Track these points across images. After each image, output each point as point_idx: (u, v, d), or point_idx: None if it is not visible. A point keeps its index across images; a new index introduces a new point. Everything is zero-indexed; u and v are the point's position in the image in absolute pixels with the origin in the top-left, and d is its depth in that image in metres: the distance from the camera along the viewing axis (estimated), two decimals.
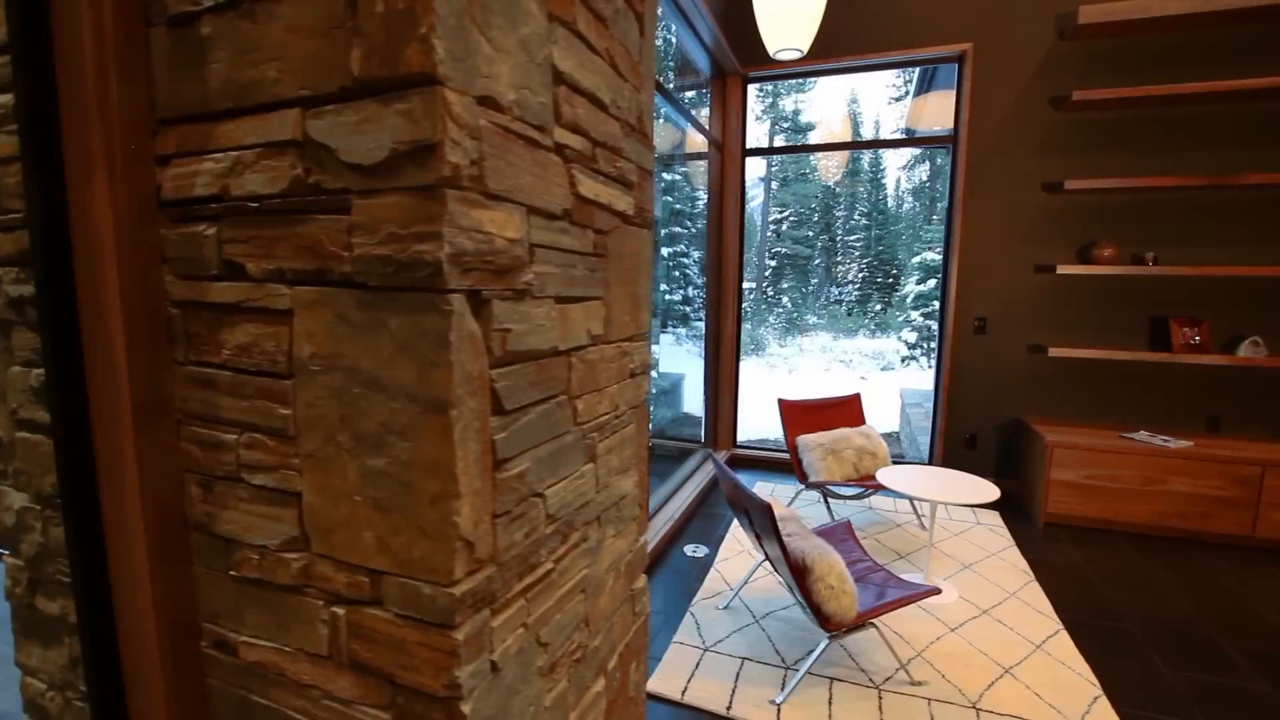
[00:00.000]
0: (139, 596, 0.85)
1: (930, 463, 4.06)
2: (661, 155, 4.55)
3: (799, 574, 1.87)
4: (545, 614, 0.88)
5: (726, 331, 4.54)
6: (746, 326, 18.21)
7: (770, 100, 20.96)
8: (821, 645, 2.02)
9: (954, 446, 3.97)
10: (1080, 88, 3.41)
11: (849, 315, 19.83)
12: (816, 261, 21.30)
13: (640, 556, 1.26)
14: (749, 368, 14.69)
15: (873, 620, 1.99)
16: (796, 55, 2.90)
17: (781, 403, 3.51)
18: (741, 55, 4.03)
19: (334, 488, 0.73)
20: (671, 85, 4.33)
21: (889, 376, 13.62)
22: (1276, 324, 3.34)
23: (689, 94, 4.35)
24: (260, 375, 0.76)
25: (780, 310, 20.41)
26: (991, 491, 2.54)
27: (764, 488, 3.99)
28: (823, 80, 20.18)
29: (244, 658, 0.84)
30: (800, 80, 19.51)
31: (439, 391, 0.66)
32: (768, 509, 1.80)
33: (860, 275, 20.69)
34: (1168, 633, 2.36)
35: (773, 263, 21.40)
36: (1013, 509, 3.65)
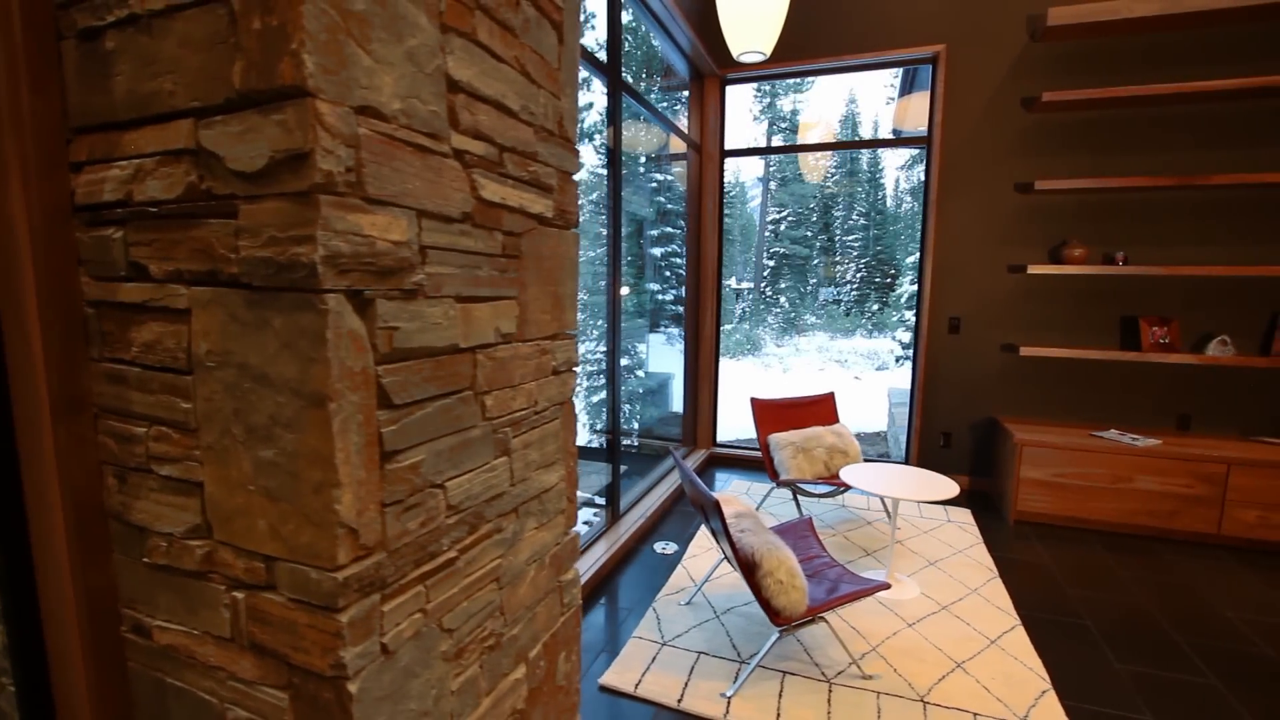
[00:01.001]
0: (61, 584, 0.89)
1: (907, 461, 4.10)
2: (652, 156, 4.58)
3: (748, 569, 1.90)
4: (449, 601, 0.92)
5: (706, 331, 4.58)
6: (744, 326, 18.28)
7: (768, 100, 20.96)
8: (772, 639, 2.05)
9: (930, 445, 4.01)
10: (1051, 89, 3.44)
11: (846, 315, 19.85)
12: (815, 261, 21.31)
13: (569, 549, 1.30)
14: (744, 368, 14.72)
15: (824, 615, 2.03)
16: (760, 58, 2.94)
17: (754, 401, 3.55)
18: (717, 57, 4.06)
19: (231, 478, 0.77)
20: (655, 89, 4.37)
21: (883, 376, 13.65)
22: (1243, 323, 3.37)
23: (685, 93, 4.39)
24: (164, 371, 0.80)
25: (778, 310, 20.43)
26: (950, 489, 2.57)
27: (740, 485, 4.02)
28: (821, 81, 20.23)
29: (158, 641, 0.88)
30: (799, 80, 19.55)
31: (318, 386, 0.69)
32: (715, 504, 1.84)
33: (858, 275, 20.69)
34: (1124, 628, 2.39)
35: (770, 263, 21.41)
36: (984, 507, 3.68)
